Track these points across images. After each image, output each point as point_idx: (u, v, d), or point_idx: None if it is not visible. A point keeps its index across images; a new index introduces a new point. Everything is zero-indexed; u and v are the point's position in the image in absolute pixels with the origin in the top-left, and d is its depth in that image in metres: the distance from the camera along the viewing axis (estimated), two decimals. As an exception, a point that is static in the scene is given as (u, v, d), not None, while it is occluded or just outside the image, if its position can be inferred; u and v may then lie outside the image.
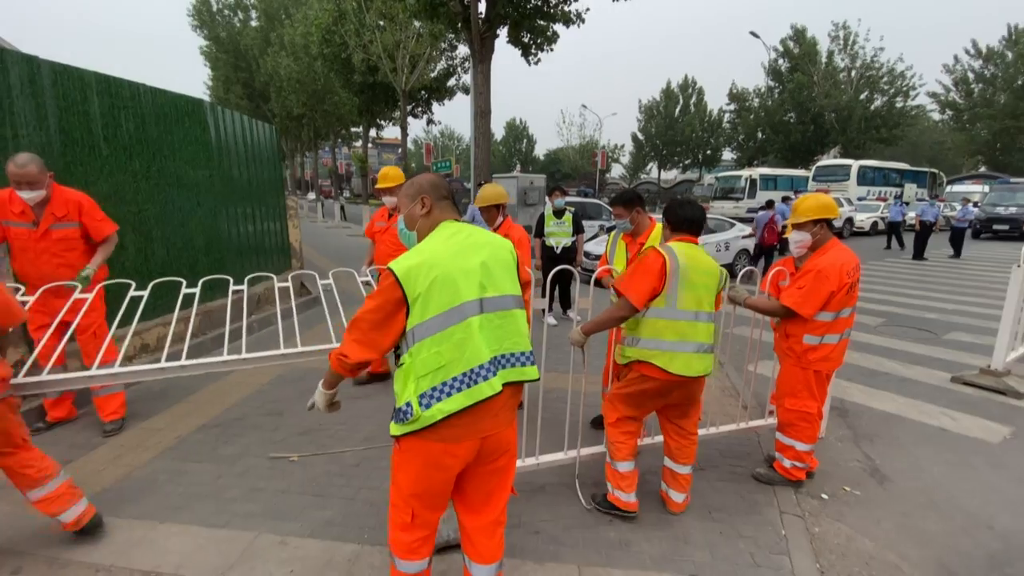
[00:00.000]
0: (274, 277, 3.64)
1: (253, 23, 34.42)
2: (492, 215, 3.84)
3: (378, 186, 4.15)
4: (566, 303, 6.89)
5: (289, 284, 3.39)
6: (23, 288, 2.86)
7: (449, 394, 1.49)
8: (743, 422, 3.39)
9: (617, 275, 3.29)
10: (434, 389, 1.50)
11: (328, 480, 2.92)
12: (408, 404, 1.51)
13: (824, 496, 2.94)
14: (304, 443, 3.35)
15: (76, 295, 2.77)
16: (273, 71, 30.46)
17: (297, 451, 3.23)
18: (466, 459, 1.60)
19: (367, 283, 3.27)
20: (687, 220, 2.51)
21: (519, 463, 2.73)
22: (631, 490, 2.59)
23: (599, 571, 2.25)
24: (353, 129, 37.48)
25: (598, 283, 2.89)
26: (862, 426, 3.86)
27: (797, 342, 2.80)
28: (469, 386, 1.51)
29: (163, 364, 2.28)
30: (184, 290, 2.82)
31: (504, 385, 1.58)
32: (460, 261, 1.56)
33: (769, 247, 10.13)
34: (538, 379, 1.70)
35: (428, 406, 1.49)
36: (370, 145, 40.41)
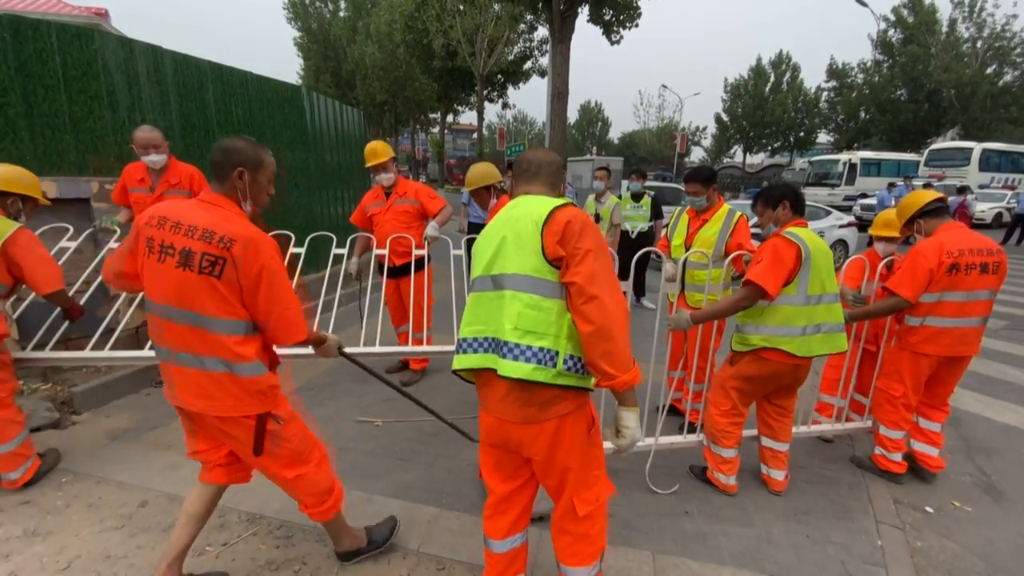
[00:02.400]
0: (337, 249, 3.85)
1: (342, 14, 35.93)
2: (483, 198, 3.31)
3: (369, 163, 3.71)
4: (640, 290, 6.72)
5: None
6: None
7: (457, 352, 1.60)
8: (837, 423, 3.17)
9: (675, 249, 3.30)
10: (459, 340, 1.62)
11: (408, 446, 3.08)
12: None
13: (929, 509, 2.70)
14: (387, 410, 3.54)
15: None
16: (359, 59, 31.68)
17: (381, 417, 3.43)
18: (494, 435, 1.58)
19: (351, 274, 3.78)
20: (804, 203, 2.58)
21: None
22: (732, 474, 2.68)
23: (674, 560, 2.21)
24: (431, 115, 38.38)
25: (642, 262, 2.86)
26: (977, 438, 3.49)
27: (902, 323, 2.82)
28: (458, 352, 1.58)
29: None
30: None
31: (493, 372, 1.47)
32: (488, 236, 1.62)
33: None
34: (521, 378, 1.40)
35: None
36: (446, 131, 41.25)
